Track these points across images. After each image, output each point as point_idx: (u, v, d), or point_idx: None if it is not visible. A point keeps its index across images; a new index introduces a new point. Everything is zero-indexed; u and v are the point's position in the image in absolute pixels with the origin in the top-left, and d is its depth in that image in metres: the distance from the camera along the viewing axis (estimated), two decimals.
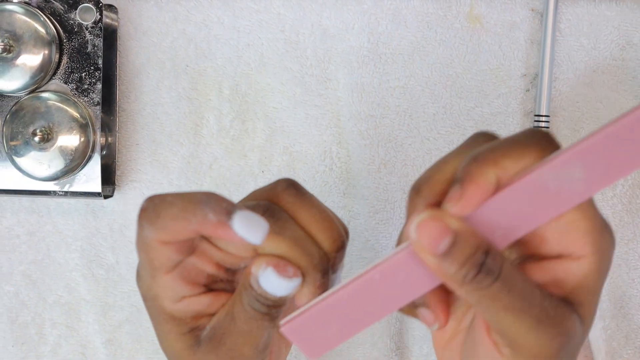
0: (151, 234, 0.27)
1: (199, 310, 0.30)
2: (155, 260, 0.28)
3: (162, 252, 0.28)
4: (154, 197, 0.27)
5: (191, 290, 0.30)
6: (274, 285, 0.27)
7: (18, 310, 0.47)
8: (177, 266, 0.29)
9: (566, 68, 0.45)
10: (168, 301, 0.29)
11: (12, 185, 0.44)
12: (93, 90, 0.44)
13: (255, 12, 0.46)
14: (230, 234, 0.26)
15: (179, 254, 0.28)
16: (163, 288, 0.29)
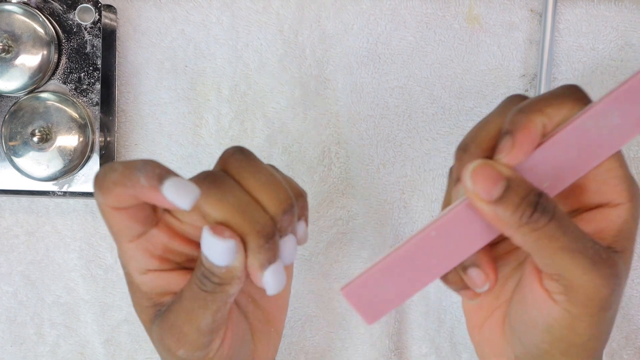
0: (99, 199, 0.28)
1: (165, 287, 0.30)
2: (114, 227, 0.29)
3: (117, 218, 0.28)
4: (105, 165, 0.28)
5: (157, 265, 0.30)
6: (212, 251, 0.27)
7: (17, 310, 0.47)
8: (140, 236, 0.29)
9: (565, 68, 0.45)
10: (134, 272, 0.30)
11: (11, 185, 0.44)
12: (92, 90, 0.44)
13: (254, 13, 0.46)
14: (160, 198, 0.26)
15: (136, 222, 0.29)
16: (129, 257, 0.30)
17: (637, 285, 0.46)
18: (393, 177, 0.46)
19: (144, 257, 0.30)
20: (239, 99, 0.46)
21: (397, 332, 0.46)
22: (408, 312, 0.46)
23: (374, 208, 0.46)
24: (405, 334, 0.46)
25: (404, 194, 0.46)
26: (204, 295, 0.28)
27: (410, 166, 0.46)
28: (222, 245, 0.27)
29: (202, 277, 0.28)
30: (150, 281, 0.30)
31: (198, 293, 0.28)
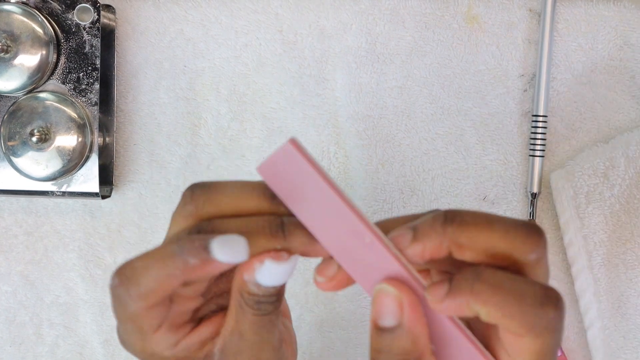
0: (136, 303, 0.26)
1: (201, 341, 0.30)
2: (145, 326, 0.28)
3: (149, 315, 0.27)
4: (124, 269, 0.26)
5: (184, 332, 0.29)
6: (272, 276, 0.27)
7: (16, 311, 0.47)
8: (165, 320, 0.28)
9: (564, 68, 0.45)
10: (166, 351, 0.29)
11: (10, 185, 0.44)
12: (91, 90, 0.44)
13: (253, 13, 0.46)
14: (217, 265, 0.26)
15: (165, 309, 0.28)
16: (156, 344, 0.28)
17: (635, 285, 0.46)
18: (392, 177, 0.46)
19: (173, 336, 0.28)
20: (238, 99, 0.46)
21: None
22: None
23: (372, 208, 0.46)
24: None
25: (403, 193, 0.46)
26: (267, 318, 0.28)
27: (409, 166, 0.46)
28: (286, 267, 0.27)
29: (257, 305, 0.27)
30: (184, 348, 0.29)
31: (260, 321, 0.28)
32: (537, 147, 0.45)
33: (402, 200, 0.46)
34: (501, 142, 0.46)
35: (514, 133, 0.46)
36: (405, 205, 0.46)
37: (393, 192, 0.46)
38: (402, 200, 0.46)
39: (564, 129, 0.45)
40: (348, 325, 0.47)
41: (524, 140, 0.46)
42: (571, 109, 0.45)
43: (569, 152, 0.46)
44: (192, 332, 0.29)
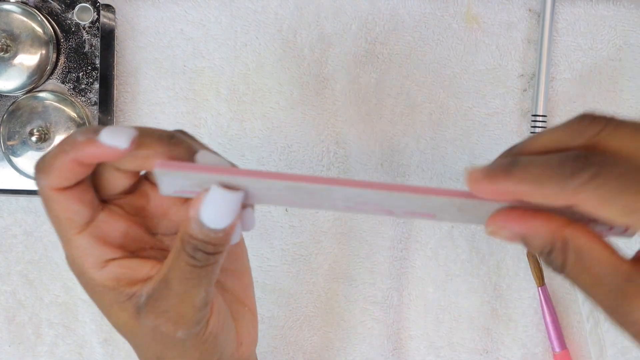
0: (41, 182, 0.28)
1: (129, 276, 0.29)
2: (60, 215, 0.28)
3: (62, 203, 0.28)
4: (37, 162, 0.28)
5: (112, 252, 0.29)
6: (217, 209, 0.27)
7: (15, 310, 0.47)
8: (89, 224, 0.29)
9: (563, 68, 0.45)
10: (92, 269, 0.29)
11: (9, 185, 0.44)
12: (90, 90, 0.44)
13: (252, 12, 0.46)
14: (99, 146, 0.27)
15: (81, 205, 0.28)
16: (81, 252, 0.29)
17: None
18: (391, 177, 0.46)
19: (98, 246, 0.29)
20: (238, 99, 0.46)
21: (395, 332, 0.46)
22: (407, 312, 0.46)
23: None
24: (404, 334, 0.46)
25: None
26: (197, 271, 0.28)
27: (408, 166, 0.46)
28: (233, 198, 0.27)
29: (193, 251, 0.27)
30: (111, 272, 0.29)
31: (189, 271, 0.28)
32: None
33: None
34: (501, 141, 0.46)
35: (513, 133, 0.46)
36: None
37: None
38: None
39: None
40: (348, 325, 0.47)
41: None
42: (571, 109, 0.45)
43: None
44: (123, 259, 0.30)
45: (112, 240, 0.30)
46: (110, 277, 0.29)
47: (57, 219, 0.29)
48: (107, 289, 0.29)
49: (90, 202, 0.29)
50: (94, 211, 0.29)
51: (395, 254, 0.46)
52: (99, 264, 0.29)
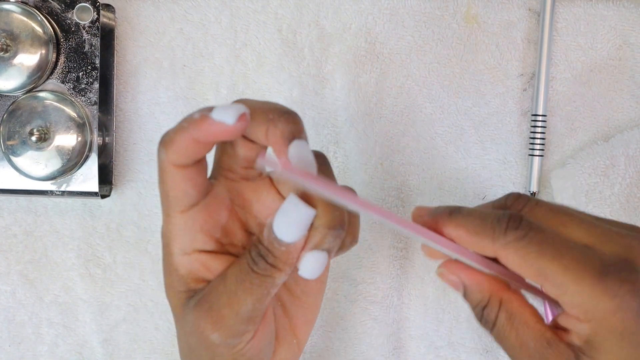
0: (162, 154, 0.29)
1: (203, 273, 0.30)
2: (170, 192, 0.29)
3: (175, 179, 0.29)
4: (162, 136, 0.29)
5: (202, 243, 0.30)
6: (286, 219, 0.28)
7: (15, 310, 0.47)
8: (193, 206, 0.30)
9: (563, 67, 0.45)
10: (177, 250, 0.30)
11: (9, 184, 0.44)
12: (90, 89, 0.44)
13: (252, 12, 0.46)
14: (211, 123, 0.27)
15: (192, 186, 0.29)
16: (176, 231, 0.30)
17: None
18: (391, 176, 0.46)
19: (192, 232, 0.30)
20: (238, 98, 0.46)
21: (395, 332, 0.46)
22: (406, 311, 0.46)
23: None
24: (404, 333, 0.46)
25: (402, 193, 0.46)
26: (252, 277, 0.28)
27: (408, 165, 0.46)
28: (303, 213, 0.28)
29: (256, 256, 0.28)
30: (189, 264, 0.30)
31: (246, 274, 0.29)
32: (537, 146, 0.45)
33: (401, 199, 0.46)
34: (500, 141, 0.46)
35: (513, 132, 0.46)
36: (404, 205, 0.46)
37: (392, 191, 0.46)
38: (401, 199, 0.46)
39: (563, 128, 0.45)
40: (348, 325, 0.47)
41: (523, 140, 0.46)
42: (570, 109, 0.45)
43: (568, 151, 0.46)
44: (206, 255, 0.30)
45: (207, 230, 0.30)
46: (186, 266, 0.30)
47: (166, 194, 0.30)
48: (177, 273, 0.30)
49: (201, 185, 0.30)
50: (201, 195, 0.30)
51: (395, 254, 0.46)
52: (184, 249, 0.30)
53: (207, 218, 0.30)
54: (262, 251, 0.28)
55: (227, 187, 0.31)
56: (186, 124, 0.28)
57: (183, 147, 0.28)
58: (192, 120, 0.28)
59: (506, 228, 0.27)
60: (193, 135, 0.28)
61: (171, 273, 0.31)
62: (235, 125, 0.27)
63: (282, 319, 0.33)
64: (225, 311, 0.29)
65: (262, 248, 0.28)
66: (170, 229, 0.30)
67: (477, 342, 0.46)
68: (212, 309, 0.29)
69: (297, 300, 0.33)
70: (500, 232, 0.27)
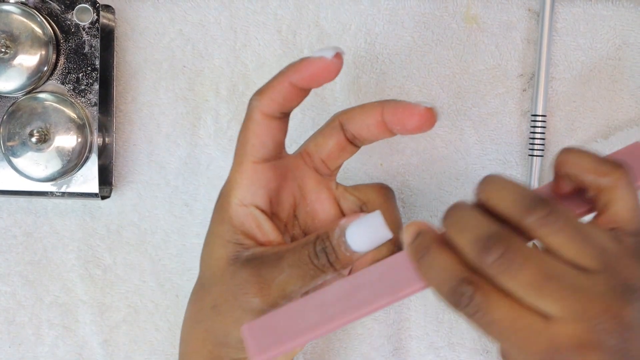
0: (255, 101, 0.31)
1: (253, 230, 0.31)
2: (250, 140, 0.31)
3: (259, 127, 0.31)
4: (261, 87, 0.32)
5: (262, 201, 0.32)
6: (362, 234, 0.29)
7: (15, 311, 0.47)
8: (265, 161, 0.31)
9: (563, 68, 0.45)
10: (235, 200, 0.31)
11: (9, 186, 0.44)
12: (90, 91, 0.44)
13: (252, 13, 0.46)
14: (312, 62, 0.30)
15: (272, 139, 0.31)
16: (241, 180, 0.31)
17: None
18: (391, 177, 0.46)
19: (258, 186, 0.31)
20: (238, 99, 0.46)
21: (395, 332, 0.46)
22: (406, 312, 0.46)
23: None
24: (404, 334, 0.46)
25: (403, 193, 0.46)
26: (310, 267, 0.30)
27: (408, 166, 0.46)
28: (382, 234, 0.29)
29: (321, 251, 0.29)
30: (245, 216, 0.31)
31: (305, 263, 0.30)
32: (537, 146, 0.45)
33: (401, 199, 0.46)
34: (500, 141, 0.46)
35: (513, 133, 0.46)
36: (404, 205, 0.46)
37: None
38: (401, 199, 0.46)
39: (563, 128, 0.46)
40: (348, 326, 0.47)
41: (523, 140, 0.46)
42: (570, 109, 0.45)
43: None
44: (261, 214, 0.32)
45: (270, 189, 0.32)
46: (240, 217, 0.31)
47: (246, 141, 0.31)
48: (229, 223, 0.32)
49: (279, 143, 0.32)
50: (276, 154, 0.32)
51: None
52: (243, 200, 0.32)
53: (271, 178, 0.32)
54: (327, 248, 0.30)
55: (302, 167, 0.33)
56: (285, 69, 0.30)
57: (278, 93, 0.30)
58: (292, 65, 0.30)
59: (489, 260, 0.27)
60: (292, 78, 0.30)
61: (223, 221, 0.32)
62: (333, 60, 0.29)
63: None
64: (274, 285, 0.30)
65: (328, 246, 0.30)
66: (236, 177, 0.32)
67: (477, 342, 0.46)
68: (262, 276, 0.30)
69: None
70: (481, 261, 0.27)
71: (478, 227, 0.27)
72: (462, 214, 0.29)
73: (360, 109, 0.33)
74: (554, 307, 0.26)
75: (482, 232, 0.27)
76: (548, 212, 0.27)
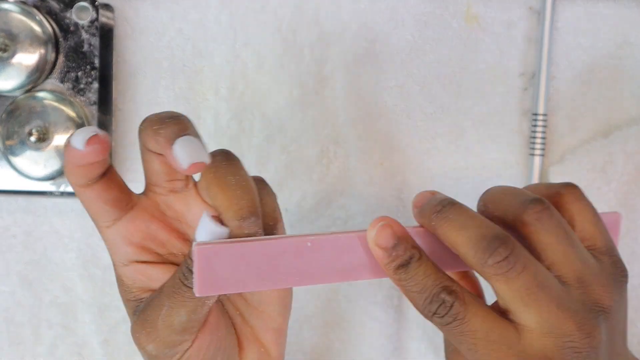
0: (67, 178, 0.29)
1: (146, 283, 0.31)
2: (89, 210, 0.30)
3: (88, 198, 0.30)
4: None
5: (137, 254, 0.30)
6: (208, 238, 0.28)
7: (14, 311, 0.47)
8: (116, 221, 0.30)
9: (564, 67, 0.45)
10: (117, 262, 0.31)
11: (8, 185, 0.44)
12: (89, 89, 0.44)
13: (252, 12, 0.45)
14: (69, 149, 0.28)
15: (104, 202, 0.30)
16: (110, 245, 0.31)
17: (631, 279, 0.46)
18: (391, 176, 0.46)
19: (123, 245, 0.30)
20: (237, 99, 0.46)
21: (395, 332, 0.46)
22: (406, 311, 0.46)
23: (372, 207, 0.46)
24: (404, 333, 0.46)
25: (403, 193, 0.46)
26: (184, 290, 0.28)
27: (408, 165, 0.46)
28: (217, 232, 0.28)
29: (186, 270, 0.28)
30: (131, 274, 0.31)
31: (179, 287, 0.28)
32: (537, 145, 0.45)
33: (402, 199, 0.46)
34: (501, 140, 0.46)
35: (513, 132, 0.46)
36: (404, 205, 0.46)
37: (393, 191, 0.46)
38: (402, 199, 0.46)
39: (564, 127, 0.45)
40: (348, 325, 0.47)
41: (524, 139, 0.46)
42: (571, 108, 0.45)
43: (569, 150, 0.45)
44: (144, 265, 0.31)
45: (139, 241, 0.31)
46: (129, 276, 0.31)
47: (89, 212, 0.30)
48: (123, 283, 0.31)
49: (115, 200, 0.30)
50: (121, 209, 0.30)
51: None
52: (122, 261, 0.31)
53: (133, 231, 0.30)
54: (190, 265, 0.28)
55: (158, 201, 0.31)
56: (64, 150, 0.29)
57: (72, 171, 0.29)
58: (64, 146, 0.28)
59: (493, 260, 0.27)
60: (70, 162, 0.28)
61: (119, 283, 0.32)
62: (86, 150, 0.27)
63: (243, 327, 0.33)
64: (159, 323, 0.29)
65: (190, 262, 0.28)
66: (106, 242, 0.31)
67: None
68: (147, 320, 0.29)
69: (255, 310, 0.33)
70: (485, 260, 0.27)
71: (482, 226, 0.27)
72: (460, 210, 0.29)
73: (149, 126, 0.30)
74: (533, 318, 0.26)
75: (487, 232, 0.27)
76: (544, 208, 0.28)
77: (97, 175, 0.29)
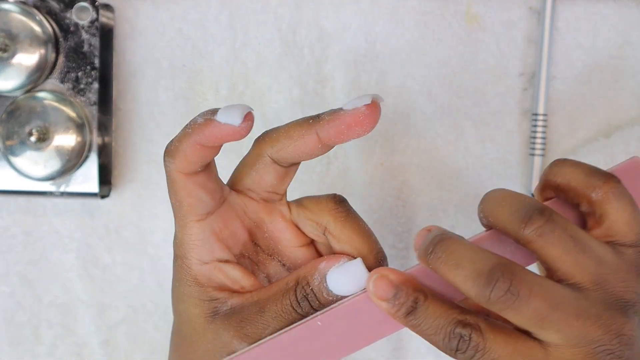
0: (170, 164, 0.29)
1: (222, 283, 0.30)
2: (184, 201, 0.29)
3: (187, 187, 0.29)
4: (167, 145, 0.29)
5: (220, 252, 0.30)
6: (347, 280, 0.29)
7: (14, 311, 0.47)
8: (209, 215, 0.30)
9: (564, 67, 0.45)
10: (195, 260, 0.30)
11: (8, 185, 0.44)
12: (89, 89, 0.44)
13: (252, 12, 0.45)
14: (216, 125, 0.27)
15: (205, 192, 0.29)
16: (193, 241, 0.30)
17: None
18: (391, 176, 0.46)
19: (211, 241, 0.30)
20: (237, 98, 0.46)
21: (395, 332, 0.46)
22: None
23: (372, 207, 0.46)
24: (404, 334, 0.46)
25: (403, 192, 0.46)
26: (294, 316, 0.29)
27: (408, 165, 0.46)
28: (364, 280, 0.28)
29: (302, 299, 0.29)
30: (210, 272, 0.30)
31: (289, 313, 0.29)
32: (537, 146, 0.44)
33: (402, 199, 0.46)
34: (501, 141, 0.46)
35: (514, 132, 0.45)
36: (405, 205, 0.46)
37: (392, 191, 0.46)
38: (402, 199, 0.46)
39: (564, 127, 0.45)
40: None
41: (524, 139, 0.46)
42: (571, 108, 0.45)
43: (569, 150, 0.45)
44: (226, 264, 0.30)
45: (224, 239, 0.31)
46: (206, 275, 0.30)
47: (180, 203, 0.30)
48: (196, 283, 0.30)
49: (214, 192, 0.30)
50: (217, 203, 0.30)
51: (396, 254, 0.46)
52: (203, 259, 0.30)
53: (223, 227, 0.30)
54: (309, 296, 0.29)
55: (246, 202, 0.31)
56: (190, 129, 0.28)
57: (190, 154, 0.28)
58: (196, 125, 0.28)
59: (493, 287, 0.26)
60: (198, 140, 0.28)
61: (189, 282, 0.31)
62: (242, 126, 0.27)
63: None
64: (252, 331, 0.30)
65: (310, 293, 0.29)
66: (186, 239, 0.30)
67: None
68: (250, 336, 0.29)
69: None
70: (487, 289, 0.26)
71: (475, 260, 0.26)
72: (451, 247, 0.27)
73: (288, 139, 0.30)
74: (555, 335, 0.26)
75: (483, 266, 0.26)
76: (545, 221, 0.26)
77: (212, 159, 0.29)
